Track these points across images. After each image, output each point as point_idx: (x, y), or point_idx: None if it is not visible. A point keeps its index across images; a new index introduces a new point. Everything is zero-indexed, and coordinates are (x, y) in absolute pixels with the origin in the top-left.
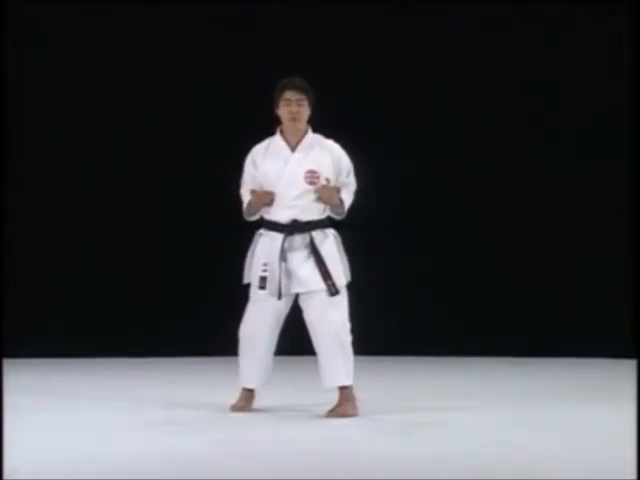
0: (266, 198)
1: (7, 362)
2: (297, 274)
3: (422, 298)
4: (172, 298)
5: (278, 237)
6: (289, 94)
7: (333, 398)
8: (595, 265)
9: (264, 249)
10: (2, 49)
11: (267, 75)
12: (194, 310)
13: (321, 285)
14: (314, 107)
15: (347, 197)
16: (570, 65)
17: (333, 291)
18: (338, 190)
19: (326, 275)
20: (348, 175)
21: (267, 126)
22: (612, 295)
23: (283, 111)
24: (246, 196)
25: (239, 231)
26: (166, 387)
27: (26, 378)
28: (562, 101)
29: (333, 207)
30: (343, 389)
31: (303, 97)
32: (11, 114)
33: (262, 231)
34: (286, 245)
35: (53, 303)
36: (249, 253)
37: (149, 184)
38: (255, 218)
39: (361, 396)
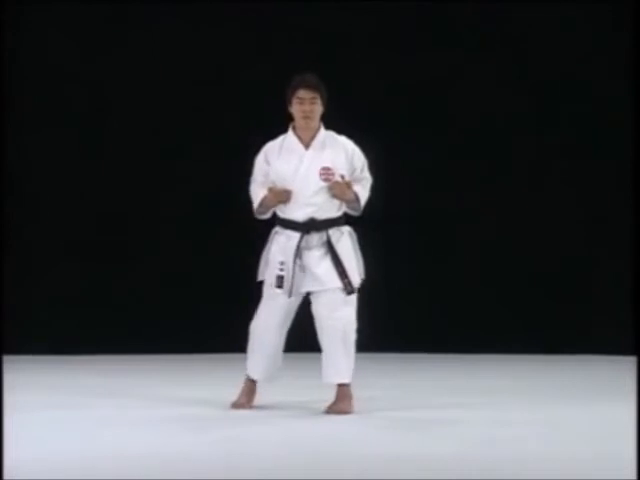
0: (283, 196)
1: (7, 359)
2: (313, 272)
3: (426, 296)
4: (174, 295)
5: (295, 236)
6: (302, 93)
7: (330, 395)
8: (595, 263)
9: (280, 247)
10: (2, 49)
11: (275, 72)
12: (196, 307)
13: (337, 283)
14: (327, 104)
15: (363, 192)
16: (570, 65)
17: (349, 289)
18: (349, 185)
19: (343, 274)
20: (362, 170)
21: (275, 125)
22: (612, 292)
23: (296, 109)
24: (257, 194)
25: (243, 229)
26: (167, 385)
27: (26, 376)
28: (562, 101)
29: (349, 203)
30: (342, 386)
31: (316, 95)
32: (11, 114)
33: (278, 229)
34: (303, 244)
35: (54, 300)
36: (265, 251)
37: (149, 184)
38: (266, 217)
39: (364, 393)
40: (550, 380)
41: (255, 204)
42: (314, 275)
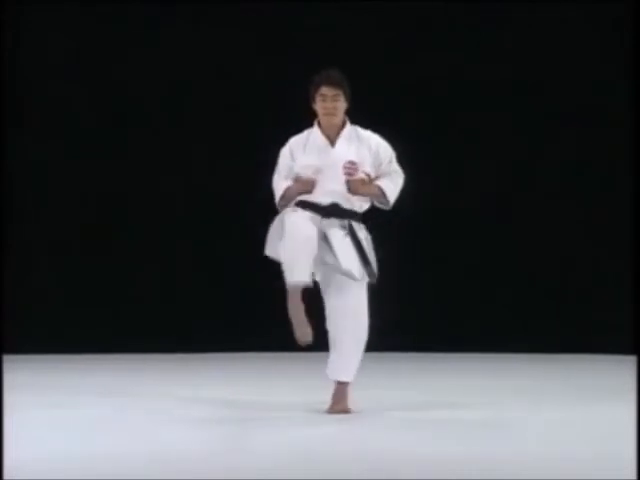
0: (309, 185)
1: (7, 359)
2: (334, 250)
3: (426, 295)
4: (175, 295)
5: (316, 217)
6: (325, 89)
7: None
8: (595, 262)
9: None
10: (2, 49)
11: (275, 72)
12: (196, 307)
13: (354, 268)
14: (350, 100)
15: (390, 185)
16: (570, 65)
17: (372, 279)
18: (364, 182)
19: (366, 261)
20: (390, 163)
21: (274, 125)
22: (612, 292)
23: (319, 106)
24: (281, 186)
25: (245, 228)
26: (167, 384)
27: (26, 375)
28: (562, 101)
29: (376, 197)
30: (342, 384)
31: (339, 92)
32: (12, 113)
33: (295, 208)
34: (324, 223)
35: (54, 299)
36: (275, 224)
37: (150, 183)
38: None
39: (364, 393)
40: (550, 379)
41: (277, 197)
42: (333, 251)
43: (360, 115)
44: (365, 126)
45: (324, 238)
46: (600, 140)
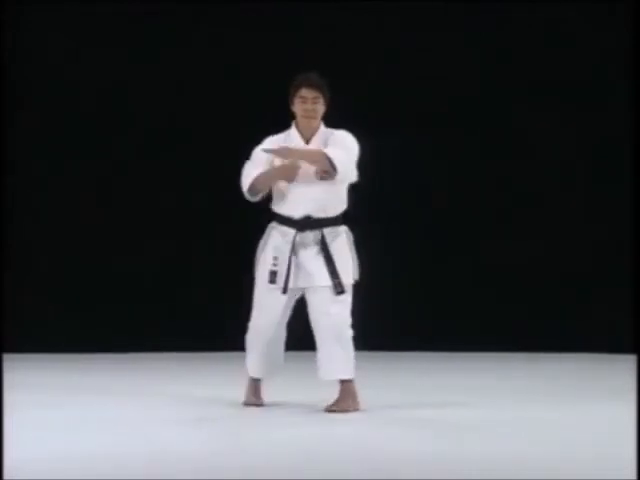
0: (290, 172)
1: (7, 358)
2: (306, 269)
3: (427, 295)
4: (175, 294)
5: (290, 232)
6: (305, 92)
7: (332, 393)
8: (595, 261)
9: (275, 243)
10: (2, 49)
11: (275, 72)
12: (196, 306)
13: (327, 282)
14: (329, 103)
15: (334, 151)
16: (570, 65)
17: (339, 290)
18: (292, 151)
19: (333, 273)
20: (342, 140)
21: (274, 126)
22: (612, 290)
23: (298, 108)
24: (250, 173)
25: (245, 228)
26: (167, 384)
27: (26, 375)
28: (563, 101)
29: (318, 163)
30: (343, 383)
31: (319, 95)
32: (11, 114)
33: (274, 224)
34: (297, 240)
35: (54, 299)
36: (260, 246)
37: (150, 183)
38: (256, 198)
39: (363, 392)
40: (550, 379)
41: (247, 181)
42: (306, 271)
43: (360, 115)
44: (365, 126)
45: (296, 262)
46: (600, 140)
